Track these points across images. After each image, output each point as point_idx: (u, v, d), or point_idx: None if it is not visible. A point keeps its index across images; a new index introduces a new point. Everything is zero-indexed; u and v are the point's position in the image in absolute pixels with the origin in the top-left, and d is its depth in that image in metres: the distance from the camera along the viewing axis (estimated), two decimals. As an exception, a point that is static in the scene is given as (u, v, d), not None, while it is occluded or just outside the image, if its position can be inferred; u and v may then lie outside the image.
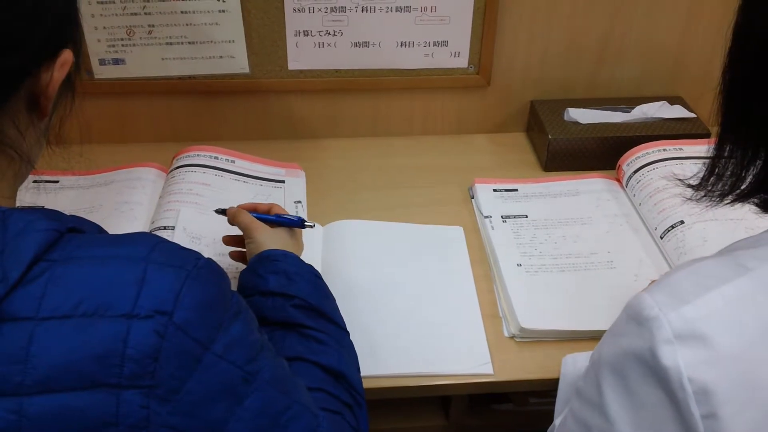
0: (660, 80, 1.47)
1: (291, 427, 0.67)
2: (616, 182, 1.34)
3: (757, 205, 0.67)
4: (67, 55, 0.66)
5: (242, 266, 1.01)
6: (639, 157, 1.31)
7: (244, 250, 1.01)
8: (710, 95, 0.69)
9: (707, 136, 1.36)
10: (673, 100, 1.44)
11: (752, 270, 0.59)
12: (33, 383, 0.55)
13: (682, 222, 1.15)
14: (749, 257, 0.61)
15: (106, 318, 0.57)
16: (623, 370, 0.61)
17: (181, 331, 0.59)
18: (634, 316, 0.61)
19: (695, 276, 0.61)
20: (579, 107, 1.41)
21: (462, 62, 1.40)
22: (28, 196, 0.74)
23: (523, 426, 1.16)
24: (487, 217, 1.24)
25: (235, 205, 1.04)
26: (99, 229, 0.70)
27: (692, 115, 1.41)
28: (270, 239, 0.96)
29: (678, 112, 1.41)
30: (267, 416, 0.66)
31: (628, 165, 1.31)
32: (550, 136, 1.35)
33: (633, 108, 1.41)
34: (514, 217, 1.24)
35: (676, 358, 0.56)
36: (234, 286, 0.95)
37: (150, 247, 0.63)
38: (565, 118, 1.40)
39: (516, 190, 1.31)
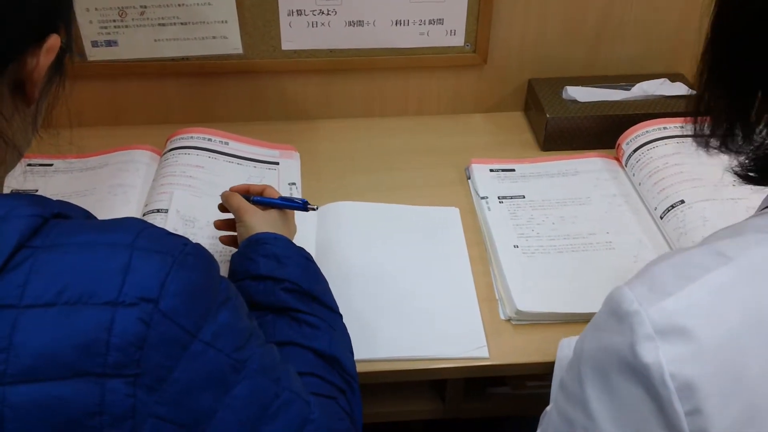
0: (661, 57, 1.45)
1: (282, 415, 0.66)
2: (615, 161, 1.32)
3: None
4: (54, 41, 0.65)
5: (236, 250, 1.00)
6: (639, 136, 1.29)
7: (236, 234, 1.00)
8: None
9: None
10: (674, 78, 1.42)
11: (733, 259, 0.57)
12: (16, 372, 0.54)
13: (682, 201, 1.13)
14: (730, 246, 0.59)
15: (90, 306, 0.56)
16: (604, 368, 0.59)
17: (167, 318, 0.58)
18: (615, 311, 0.59)
19: (677, 267, 0.59)
20: (577, 85, 1.40)
21: (458, 40, 1.38)
22: (21, 180, 0.73)
23: (519, 409, 1.15)
24: (483, 197, 1.23)
25: (228, 188, 1.03)
26: (87, 215, 0.68)
27: (694, 92, 1.38)
28: (261, 222, 0.95)
29: (679, 89, 1.39)
30: (257, 405, 0.65)
31: (627, 144, 1.29)
32: (548, 115, 1.34)
33: (633, 86, 1.40)
34: (511, 197, 1.23)
35: (658, 354, 0.54)
36: (225, 271, 0.95)
37: (135, 233, 0.61)
38: (564, 96, 1.38)
39: (513, 170, 1.30)
